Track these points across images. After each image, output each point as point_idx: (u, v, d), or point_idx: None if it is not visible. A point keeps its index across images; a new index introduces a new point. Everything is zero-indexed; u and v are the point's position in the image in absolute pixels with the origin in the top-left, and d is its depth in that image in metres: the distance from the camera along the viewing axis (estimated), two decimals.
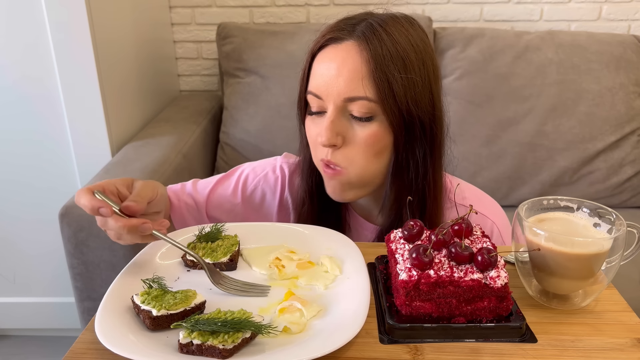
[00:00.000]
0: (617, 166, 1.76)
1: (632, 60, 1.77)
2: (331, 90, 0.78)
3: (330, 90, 0.78)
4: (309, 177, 0.91)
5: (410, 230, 0.69)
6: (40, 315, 1.85)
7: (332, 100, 0.78)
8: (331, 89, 0.78)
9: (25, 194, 1.67)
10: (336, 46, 0.79)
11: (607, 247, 0.65)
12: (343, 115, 0.79)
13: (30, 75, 1.52)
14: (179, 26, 2.12)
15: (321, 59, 0.80)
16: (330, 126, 0.78)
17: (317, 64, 0.81)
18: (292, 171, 0.99)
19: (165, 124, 1.80)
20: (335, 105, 0.79)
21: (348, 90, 0.77)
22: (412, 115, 0.78)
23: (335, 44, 0.79)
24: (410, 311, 0.64)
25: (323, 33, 0.82)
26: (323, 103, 0.80)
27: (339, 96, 0.78)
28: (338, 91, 0.78)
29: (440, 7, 2.01)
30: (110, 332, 0.59)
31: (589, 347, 0.61)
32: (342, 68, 0.77)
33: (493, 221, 0.92)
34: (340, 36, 0.79)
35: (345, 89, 0.77)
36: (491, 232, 0.91)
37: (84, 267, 1.32)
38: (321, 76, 0.79)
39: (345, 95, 0.77)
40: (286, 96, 1.80)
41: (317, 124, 0.82)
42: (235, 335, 0.58)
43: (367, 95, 0.77)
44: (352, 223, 0.96)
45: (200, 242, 0.78)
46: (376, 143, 0.80)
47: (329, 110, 0.79)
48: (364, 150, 0.80)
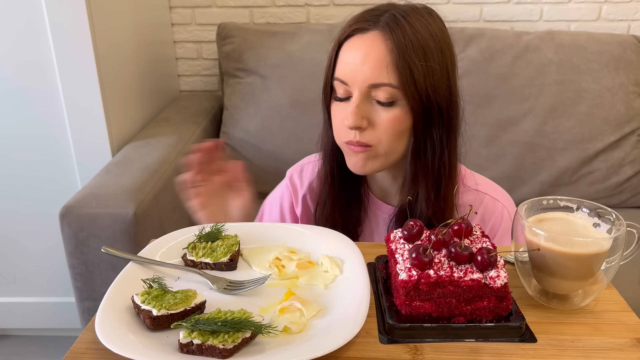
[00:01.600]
0: (616, 166, 1.76)
1: (632, 61, 1.77)
2: (357, 77, 0.84)
3: (356, 77, 0.84)
4: (331, 159, 0.96)
5: (410, 230, 0.69)
6: (41, 315, 1.85)
7: (357, 86, 0.84)
8: (357, 75, 0.84)
9: (25, 193, 1.67)
10: (362, 36, 0.85)
11: (607, 247, 0.65)
12: (367, 100, 0.85)
13: (30, 75, 1.52)
14: (179, 26, 2.13)
15: (348, 47, 0.86)
16: (355, 110, 0.84)
17: (343, 52, 0.86)
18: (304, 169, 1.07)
19: (166, 124, 1.80)
20: (360, 91, 0.84)
21: (373, 77, 0.83)
22: (430, 101, 0.84)
23: (361, 34, 0.85)
24: (410, 311, 0.64)
25: (349, 23, 0.87)
26: (349, 89, 0.86)
27: (364, 82, 0.84)
28: (363, 78, 0.83)
29: (440, 7, 1.99)
30: (110, 332, 0.60)
31: (589, 347, 0.61)
32: (367, 56, 0.83)
33: (504, 205, 0.97)
34: (366, 26, 0.85)
35: (370, 76, 0.83)
36: (501, 215, 0.96)
37: (84, 267, 1.32)
38: (347, 64, 0.85)
39: (370, 81, 0.83)
40: (286, 96, 1.80)
41: (342, 109, 0.88)
42: (235, 335, 0.58)
43: (390, 82, 0.83)
44: (369, 204, 1.01)
45: (200, 242, 0.78)
46: (398, 125, 0.85)
47: (354, 96, 0.85)
48: (388, 132, 0.86)
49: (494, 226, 0.97)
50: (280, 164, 1.80)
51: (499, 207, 0.97)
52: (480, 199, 0.97)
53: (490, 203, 0.97)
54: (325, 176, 0.98)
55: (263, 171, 1.83)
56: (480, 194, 0.98)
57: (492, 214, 0.97)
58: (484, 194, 0.98)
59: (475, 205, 0.96)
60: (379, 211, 1.01)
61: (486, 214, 0.97)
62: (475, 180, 0.99)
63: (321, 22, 2.05)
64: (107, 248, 0.77)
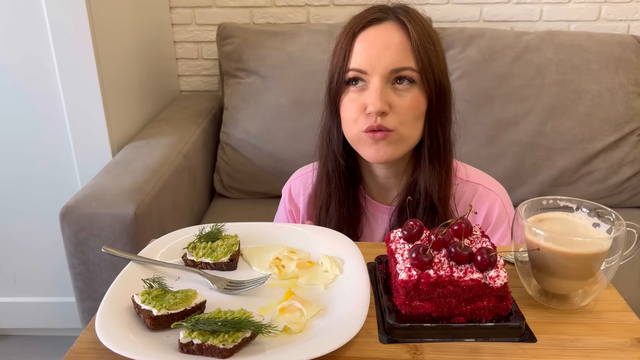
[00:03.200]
0: (616, 166, 1.76)
1: (632, 61, 1.77)
2: (378, 64, 0.87)
3: (377, 63, 0.87)
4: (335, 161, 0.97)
5: (410, 230, 0.69)
6: (41, 315, 1.85)
7: (378, 72, 0.87)
8: (378, 62, 0.87)
9: (26, 193, 1.67)
10: (378, 26, 0.89)
11: (607, 247, 0.65)
12: (387, 85, 0.88)
13: (30, 75, 1.52)
14: (179, 26, 2.13)
15: (365, 37, 0.89)
16: (380, 95, 0.87)
17: (360, 42, 0.89)
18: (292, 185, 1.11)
19: (166, 124, 1.80)
20: (381, 76, 0.87)
21: (395, 62, 0.87)
22: (441, 85, 0.90)
23: (377, 25, 0.89)
24: (410, 311, 0.64)
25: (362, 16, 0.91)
26: (367, 77, 0.88)
27: (386, 68, 0.87)
28: (386, 63, 0.87)
29: (440, 8, 2.02)
30: (110, 332, 0.60)
31: (589, 346, 0.61)
32: (388, 43, 0.87)
33: (497, 194, 1.00)
34: (381, 17, 0.89)
35: (393, 60, 0.87)
36: (495, 204, 0.99)
37: (85, 266, 1.32)
38: (366, 52, 0.88)
39: (393, 66, 0.87)
40: (286, 96, 1.80)
41: (356, 99, 0.90)
42: (235, 335, 0.59)
43: (411, 65, 0.87)
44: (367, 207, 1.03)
45: (200, 242, 0.78)
46: (416, 109, 0.90)
47: (374, 82, 0.87)
48: (408, 114, 0.89)
49: (488, 215, 0.99)
50: (280, 164, 1.80)
51: (492, 196, 0.99)
52: (474, 189, 0.99)
53: (484, 193, 0.99)
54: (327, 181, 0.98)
55: (263, 171, 1.84)
56: (472, 185, 1.00)
57: (486, 204, 0.99)
58: (476, 184, 1.00)
59: (469, 195, 0.99)
60: (378, 212, 1.02)
61: (480, 203, 0.99)
62: (466, 171, 1.01)
63: (321, 22, 2.05)
64: (107, 248, 0.77)
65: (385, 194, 1.01)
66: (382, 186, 1.01)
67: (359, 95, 0.89)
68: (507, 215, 0.99)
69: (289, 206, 1.10)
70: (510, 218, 0.99)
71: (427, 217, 0.94)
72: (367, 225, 1.02)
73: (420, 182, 0.94)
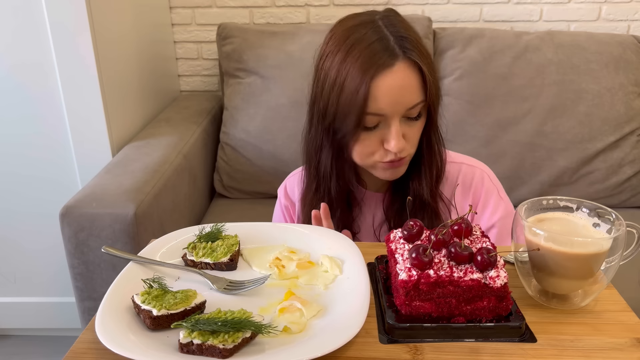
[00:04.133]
0: (616, 166, 1.76)
1: (632, 61, 1.77)
2: (397, 108, 0.89)
3: (396, 107, 0.89)
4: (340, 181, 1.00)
5: (410, 230, 0.69)
6: (41, 315, 1.85)
7: (398, 113, 0.89)
8: (397, 106, 0.89)
9: (26, 194, 1.67)
10: (391, 70, 0.88)
11: (607, 247, 0.65)
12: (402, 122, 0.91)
13: (30, 76, 1.52)
14: (179, 27, 2.13)
15: (381, 84, 0.88)
16: (400, 135, 0.90)
17: (377, 88, 0.88)
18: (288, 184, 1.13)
19: (166, 124, 1.80)
20: (399, 115, 0.89)
21: (410, 101, 0.89)
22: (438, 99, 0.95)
23: (389, 69, 0.88)
24: (410, 311, 0.64)
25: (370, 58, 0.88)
26: (384, 118, 0.90)
27: (404, 107, 0.89)
28: (404, 105, 0.89)
29: (439, 8, 2.01)
30: (110, 332, 0.60)
31: (589, 346, 0.61)
32: (403, 88, 0.88)
33: (481, 169, 1.04)
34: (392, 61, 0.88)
35: (409, 99, 0.89)
36: (481, 178, 1.02)
37: (85, 266, 1.32)
38: (385, 98, 0.88)
39: (409, 105, 0.89)
40: (286, 96, 1.80)
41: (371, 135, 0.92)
42: (235, 335, 0.59)
43: (422, 99, 0.90)
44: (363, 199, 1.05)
45: (200, 242, 0.78)
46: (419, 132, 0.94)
47: (394, 122, 0.89)
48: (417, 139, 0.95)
49: (476, 190, 1.02)
50: (280, 164, 1.80)
51: (478, 172, 1.03)
52: (457, 169, 1.03)
53: (469, 170, 1.03)
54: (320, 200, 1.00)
55: (263, 171, 1.84)
56: (456, 165, 1.04)
57: (472, 179, 1.02)
58: (459, 163, 1.04)
59: (454, 175, 1.03)
60: (371, 201, 1.05)
61: (466, 180, 1.02)
62: (451, 155, 1.05)
63: (321, 22, 2.05)
64: (107, 248, 0.77)
65: (378, 182, 1.04)
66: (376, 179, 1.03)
67: (373, 133, 0.91)
68: (494, 186, 1.03)
69: (284, 202, 1.11)
70: (498, 188, 1.03)
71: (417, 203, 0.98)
72: (360, 215, 1.05)
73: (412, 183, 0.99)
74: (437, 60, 1.85)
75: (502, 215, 1.00)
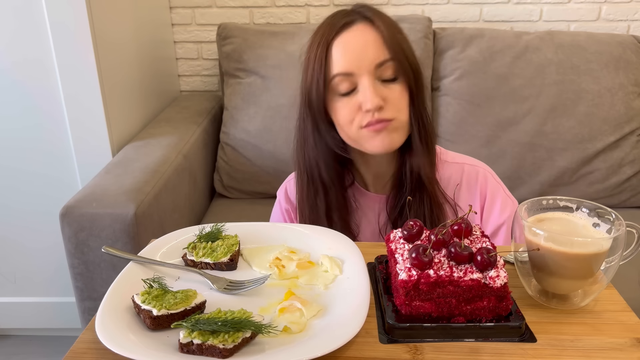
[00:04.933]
0: (616, 166, 1.76)
1: (632, 61, 1.77)
2: (363, 62, 0.89)
3: (361, 62, 0.89)
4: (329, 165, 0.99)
5: (410, 230, 0.69)
6: (41, 315, 1.85)
7: (365, 70, 0.90)
8: (362, 61, 0.89)
9: (26, 193, 1.67)
10: (350, 29, 0.91)
11: (607, 247, 0.65)
12: (375, 82, 0.91)
13: (31, 75, 1.52)
14: (179, 27, 2.13)
15: (341, 42, 0.91)
16: (373, 91, 0.89)
17: (337, 47, 0.91)
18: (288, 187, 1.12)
19: (166, 124, 1.80)
20: (369, 73, 0.90)
21: (377, 56, 0.90)
22: (417, 72, 0.94)
23: (348, 28, 0.91)
24: (410, 311, 0.64)
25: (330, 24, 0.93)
26: (354, 78, 0.90)
27: (371, 64, 0.89)
28: (369, 60, 0.89)
29: (439, 8, 2.02)
30: (110, 332, 0.60)
31: (588, 346, 0.61)
32: (366, 42, 0.90)
33: (484, 169, 1.04)
34: (350, 20, 0.92)
35: (374, 56, 0.90)
36: (485, 178, 1.02)
37: (85, 266, 1.32)
38: (347, 55, 0.90)
39: (376, 61, 0.89)
40: (286, 96, 1.80)
41: (348, 102, 0.92)
42: (235, 335, 0.59)
43: (390, 57, 0.90)
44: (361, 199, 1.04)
45: (200, 242, 0.78)
46: (405, 96, 0.93)
47: (364, 80, 0.90)
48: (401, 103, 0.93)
49: (482, 190, 1.02)
50: (280, 164, 1.80)
51: (481, 172, 1.03)
52: (460, 169, 1.03)
53: (472, 171, 1.03)
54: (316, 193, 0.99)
55: (263, 171, 1.84)
56: (457, 165, 1.03)
57: (476, 180, 1.02)
58: (461, 164, 1.04)
59: (457, 175, 1.02)
60: (374, 203, 1.04)
61: (470, 181, 1.02)
62: (450, 155, 1.06)
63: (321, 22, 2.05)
64: (107, 248, 0.77)
65: (380, 183, 1.03)
66: (377, 175, 1.03)
67: (350, 99, 0.91)
68: (498, 184, 1.03)
69: (285, 205, 1.10)
70: (502, 186, 1.03)
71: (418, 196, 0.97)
72: (364, 218, 1.03)
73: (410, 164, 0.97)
74: (437, 60, 1.85)
75: (511, 213, 1.00)
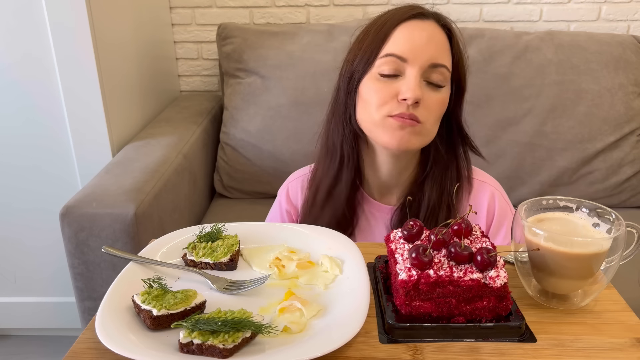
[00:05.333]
0: (616, 166, 1.76)
1: (632, 61, 1.77)
2: (420, 54, 0.87)
3: (419, 54, 0.87)
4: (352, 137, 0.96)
5: (410, 230, 0.69)
6: (41, 315, 1.85)
7: (419, 62, 0.87)
8: (421, 53, 0.87)
9: (25, 193, 1.67)
10: (422, 21, 0.90)
11: (607, 247, 0.65)
12: (421, 79, 0.89)
13: (30, 75, 1.52)
14: (179, 27, 2.13)
15: (410, 27, 0.89)
16: (418, 84, 0.87)
17: (404, 29, 0.89)
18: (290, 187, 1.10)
19: (166, 124, 1.80)
20: (421, 68, 0.88)
21: (437, 56, 0.88)
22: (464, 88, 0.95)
23: (421, 20, 0.90)
24: (409, 311, 0.64)
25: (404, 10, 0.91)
26: (404, 65, 0.88)
27: (427, 60, 0.88)
28: (428, 56, 0.88)
29: (439, 8, 1.99)
30: (110, 332, 0.60)
31: (588, 346, 0.61)
32: (432, 37, 0.89)
33: (493, 186, 1.02)
34: (425, 14, 0.91)
35: (434, 54, 0.88)
36: (493, 197, 1.00)
37: (85, 266, 1.32)
38: (410, 41, 0.88)
39: (433, 60, 0.88)
40: (286, 96, 1.80)
41: (387, 86, 0.89)
42: (235, 335, 0.59)
43: (447, 64, 0.90)
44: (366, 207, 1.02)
45: (200, 242, 0.78)
46: (442, 108, 0.92)
47: (412, 71, 0.87)
48: (435, 112, 0.91)
49: (489, 209, 1.00)
50: (280, 164, 1.80)
51: (489, 189, 1.01)
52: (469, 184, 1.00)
53: (480, 187, 1.01)
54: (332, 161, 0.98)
55: (263, 171, 1.84)
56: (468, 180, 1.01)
57: (484, 197, 1.00)
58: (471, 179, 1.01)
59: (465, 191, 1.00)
60: (377, 212, 1.01)
61: (479, 198, 1.00)
62: None
63: (321, 22, 2.05)
64: (107, 248, 0.77)
65: (386, 193, 1.01)
66: (384, 184, 1.00)
67: (390, 83, 0.89)
68: (507, 204, 1.01)
69: (286, 206, 1.08)
70: (510, 207, 1.01)
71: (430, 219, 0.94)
72: (366, 225, 1.02)
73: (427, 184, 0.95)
74: None
75: None
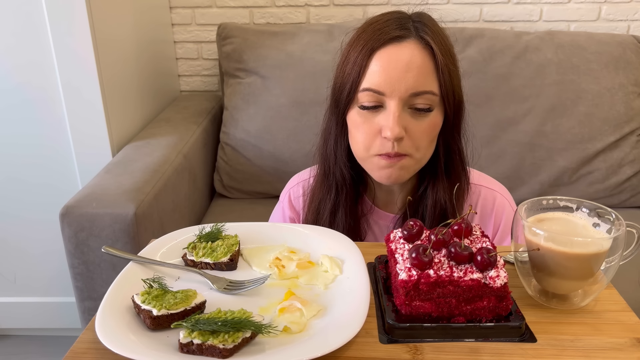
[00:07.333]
0: (616, 166, 1.76)
1: (632, 61, 1.77)
2: (398, 86, 0.82)
3: (396, 86, 0.82)
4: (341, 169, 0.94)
5: (410, 230, 0.69)
6: (41, 315, 1.85)
7: (397, 95, 0.82)
8: (398, 84, 0.82)
9: (26, 194, 1.67)
10: (399, 45, 0.83)
11: (607, 247, 0.65)
12: (404, 109, 0.84)
13: (31, 76, 1.52)
14: (179, 27, 2.13)
15: (384, 56, 0.83)
16: (397, 120, 0.82)
17: (378, 60, 0.83)
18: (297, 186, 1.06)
19: (166, 124, 1.80)
20: (400, 99, 0.82)
21: (417, 85, 0.82)
22: (461, 102, 0.88)
23: (398, 43, 0.83)
24: (410, 311, 0.64)
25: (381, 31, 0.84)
26: (382, 98, 0.83)
27: (406, 91, 0.82)
28: (406, 87, 0.82)
29: (439, 8, 2.01)
30: (110, 332, 0.60)
31: (588, 346, 0.61)
32: (410, 65, 0.82)
33: (502, 194, 0.99)
34: (403, 35, 0.83)
35: (414, 84, 0.82)
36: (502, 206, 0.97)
37: (85, 266, 1.32)
38: (385, 72, 0.82)
39: (413, 90, 0.82)
40: (286, 96, 1.80)
41: (369, 119, 0.85)
42: (235, 335, 0.59)
43: (432, 89, 0.83)
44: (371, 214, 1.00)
45: (200, 242, 0.78)
46: (432, 132, 0.86)
47: (392, 105, 0.82)
48: (423, 139, 0.85)
49: (496, 218, 0.97)
50: (280, 164, 1.80)
51: (498, 198, 0.98)
52: (477, 192, 0.98)
53: (489, 195, 0.98)
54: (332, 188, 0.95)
55: (263, 171, 1.84)
56: (476, 187, 0.98)
57: (493, 206, 0.97)
58: (478, 186, 0.98)
59: (473, 198, 0.97)
60: (382, 220, 1.01)
61: (486, 205, 0.97)
62: None
63: (321, 22, 2.05)
64: (107, 248, 0.77)
65: (390, 202, 0.99)
66: (387, 194, 0.99)
67: (372, 115, 0.85)
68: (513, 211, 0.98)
69: (290, 213, 1.06)
70: None
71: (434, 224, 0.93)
72: (370, 234, 1.01)
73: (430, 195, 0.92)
74: None
75: None
